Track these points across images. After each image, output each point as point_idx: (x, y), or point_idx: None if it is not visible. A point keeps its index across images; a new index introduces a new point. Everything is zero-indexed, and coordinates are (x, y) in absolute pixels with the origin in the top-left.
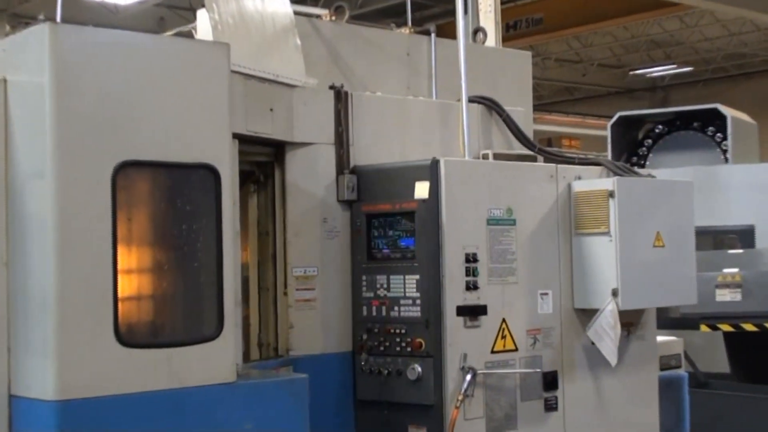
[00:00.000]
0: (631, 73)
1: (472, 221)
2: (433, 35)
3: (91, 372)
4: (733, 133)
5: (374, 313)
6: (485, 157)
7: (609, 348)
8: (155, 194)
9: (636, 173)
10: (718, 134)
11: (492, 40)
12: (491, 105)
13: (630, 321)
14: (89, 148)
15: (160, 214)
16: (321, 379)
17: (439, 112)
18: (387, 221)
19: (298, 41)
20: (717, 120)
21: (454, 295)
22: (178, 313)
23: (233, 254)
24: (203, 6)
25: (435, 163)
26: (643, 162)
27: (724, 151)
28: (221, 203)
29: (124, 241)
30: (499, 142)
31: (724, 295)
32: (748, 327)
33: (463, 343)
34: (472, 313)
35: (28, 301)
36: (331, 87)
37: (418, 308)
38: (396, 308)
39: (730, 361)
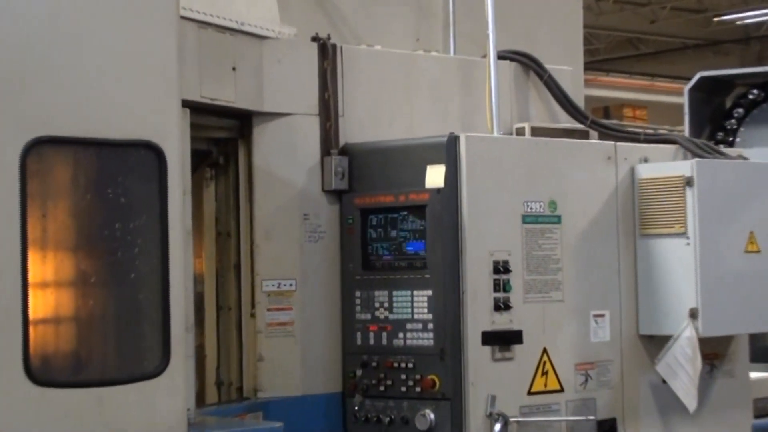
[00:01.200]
0: (716, 19)
1: (503, 218)
2: None
3: None
4: None
5: (372, 342)
6: (520, 132)
7: (686, 387)
8: (79, 182)
9: (722, 154)
10: None
11: None
12: (528, 63)
13: (714, 352)
14: None
15: (85, 208)
16: (301, 428)
17: (458, 73)
18: (389, 219)
19: None
20: None
21: (479, 317)
22: (110, 342)
23: (183, 262)
24: None
25: (453, 141)
26: (731, 138)
27: None
28: (167, 194)
29: (37, 245)
30: (539, 113)
31: None
32: None
33: (490, 382)
34: (503, 341)
35: None
36: (314, 38)
37: (431, 335)
38: (401, 335)
39: None
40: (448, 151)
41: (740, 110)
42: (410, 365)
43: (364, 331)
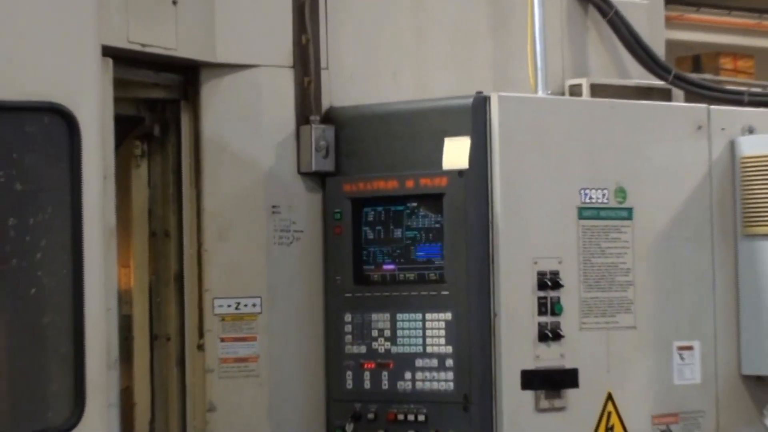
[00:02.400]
0: None
1: (551, 212)
2: None
3: None
4: None
5: (367, 385)
6: (576, 92)
7: None
8: None
9: None
10: None
11: None
12: None
13: None
14: None
15: None
16: None
17: (487, 7)
18: (391, 213)
19: None
20: None
21: (518, 350)
22: (3, 386)
23: (104, 273)
24: None
25: (481, 104)
26: None
27: None
28: (81, 178)
29: None
30: (602, 64)
31: None
32: None
33: None
34: (551, 383)
35: None
36: None
37: (450, 375)
38: (408, 375)
39: None
40: (474, 118)
41: None
42: (421, 417)
43: (357, 370)
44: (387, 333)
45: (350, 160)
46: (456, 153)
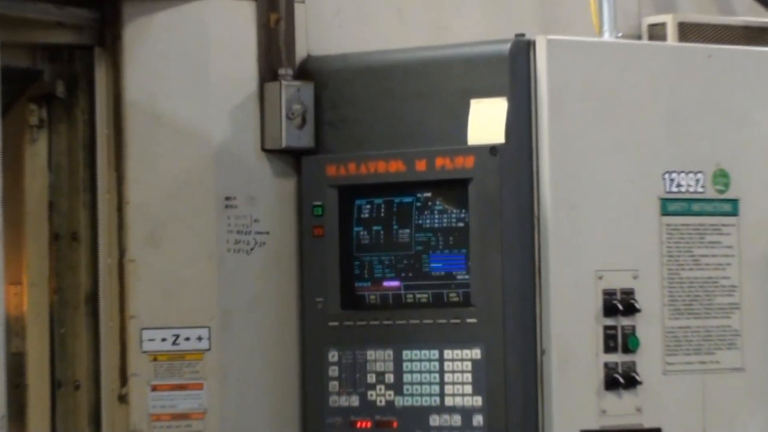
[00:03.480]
0: None
1: (622, 205)
2: None
3: None
4: None
5: None
6: (657, 34)
7: None
8: None
9: None
10: None
11: None
12: None
13: None
14: None
15: None
16: None
17: None
18: (395, 207)
19: None
20: None
21: (575, 401)
22: None
23: None
24: None
25: (523, 50)
26: None
27: None
28: None
29: None
30: None
31: None
32: None
33: None
34: None
35: None
36: None
37: None
38: None
39: None
40: (513, 72)
41: None
42: None
43: (347, 430)
44: (389, 378)
45: (336, 132)
46: (487, 121)
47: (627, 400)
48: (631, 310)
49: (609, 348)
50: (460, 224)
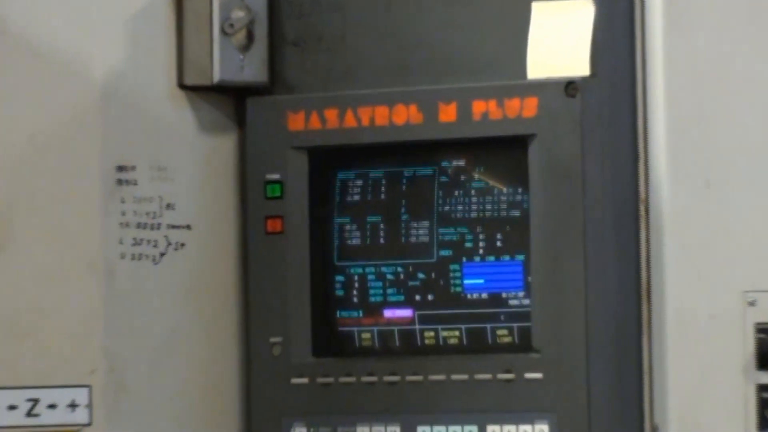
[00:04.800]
0: None
1: None
2: None
3: None
4: None
5: None
6: None
7: None
8: None
9: None
10: None
11: None
12: None
13: None
14: None
15: None
16: None
17: None
18: (400, 181)
19: None
20: None
21: None
22: None
23: None
24: None
25: None
26: None
27: None
28: None
29: None
30: None
31: None
32: None
33: None
34: None
35: None
36: None
37: None
38: None
39: None
40: None
41: None
42: None
43: None
44: None
45: (306, 58)
46: (559, 40)
47: None
48: None
49: (765, 426)
50: (514, 213)
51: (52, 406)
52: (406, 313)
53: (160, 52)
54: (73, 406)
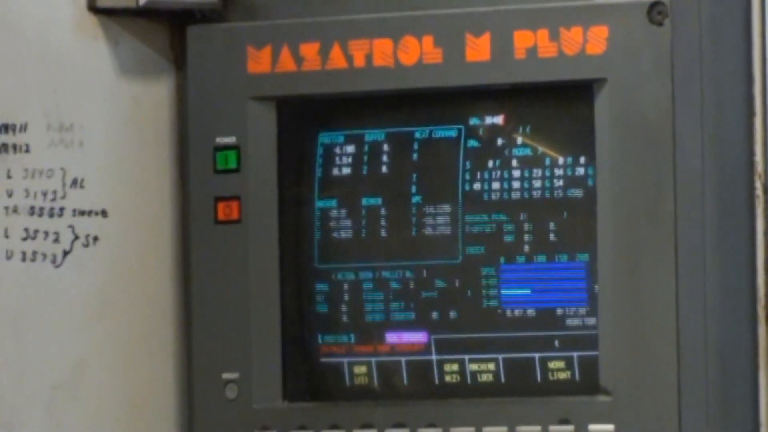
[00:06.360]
0: None
1: None
2: None
3: None
4: None
5: None
6: None
7: None
8: None
9: None
10: None
11: None
12: None
13: None
14: None
15: None
16: None
17: None
18: (411, 146)
19: None
20: None
21: None
22: None
23: None
24: None
25: None
26: None
27: None
28: None
29: None
30: None
31: None
32: None
33: None
34: None
35: None
36: None
37: None
38: None
39: None
40: None
41: None
42: None
43: None
44: None
45: None
46: None
47: None
48: None
49: None
50: (574, 192)
51: None
52: (418, 337)
53: None
54: None
